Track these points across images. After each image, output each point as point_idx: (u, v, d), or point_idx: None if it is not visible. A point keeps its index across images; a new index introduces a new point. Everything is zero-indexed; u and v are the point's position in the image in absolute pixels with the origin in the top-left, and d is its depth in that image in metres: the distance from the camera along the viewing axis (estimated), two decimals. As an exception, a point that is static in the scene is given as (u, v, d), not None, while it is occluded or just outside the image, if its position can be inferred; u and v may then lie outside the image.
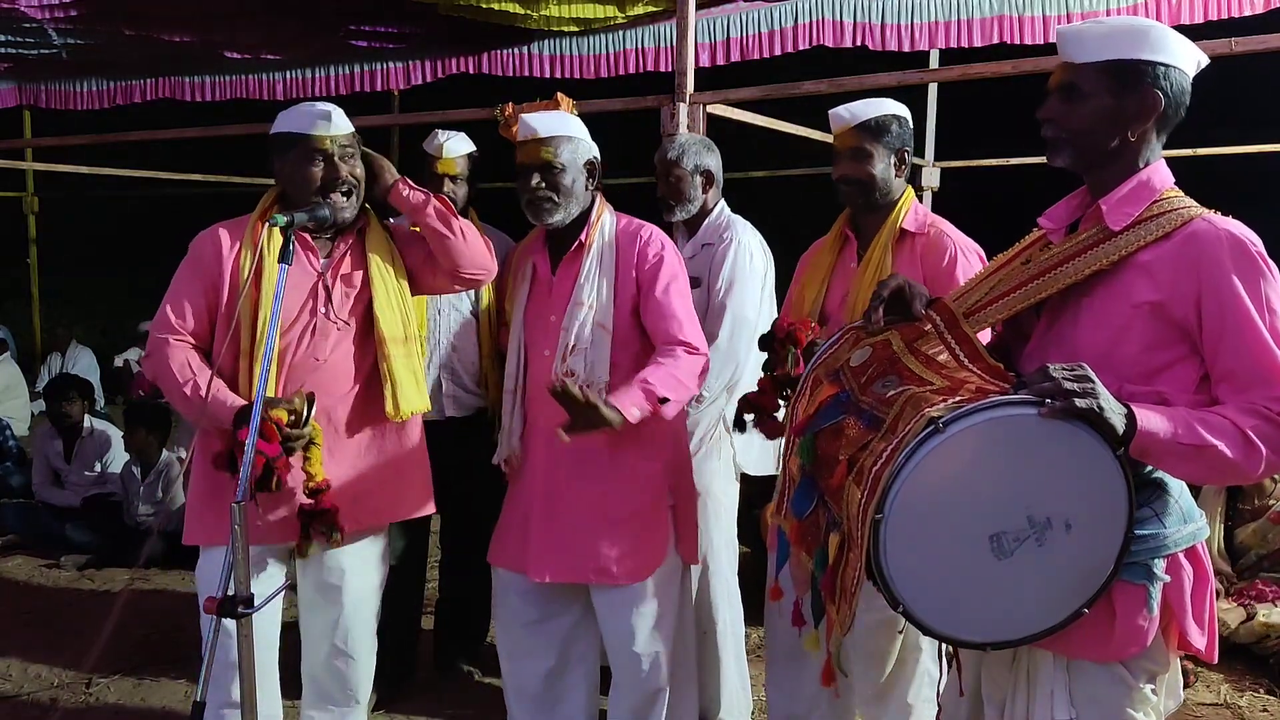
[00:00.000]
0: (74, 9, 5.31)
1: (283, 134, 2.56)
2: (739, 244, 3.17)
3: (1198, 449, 1.61)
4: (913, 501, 1.57)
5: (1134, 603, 1.70)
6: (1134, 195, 1.77)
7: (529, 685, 2.83)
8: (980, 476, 1.59)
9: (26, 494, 5.94)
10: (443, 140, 3.37)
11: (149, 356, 2.62)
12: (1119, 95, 1.74)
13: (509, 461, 2.79)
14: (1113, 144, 1.77)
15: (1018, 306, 1.83)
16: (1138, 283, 1.72)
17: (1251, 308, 1.65)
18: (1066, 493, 1.60)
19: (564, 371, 2.61)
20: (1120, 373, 1.70)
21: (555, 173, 2.62)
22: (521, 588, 2.77)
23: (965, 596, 1.63)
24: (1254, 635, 3.90)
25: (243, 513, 1.87)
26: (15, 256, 10.08)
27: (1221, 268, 1.67)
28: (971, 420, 1.55)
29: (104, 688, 3.68)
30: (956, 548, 1.60)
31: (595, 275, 2.65)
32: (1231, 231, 1.70)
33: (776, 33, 5.96)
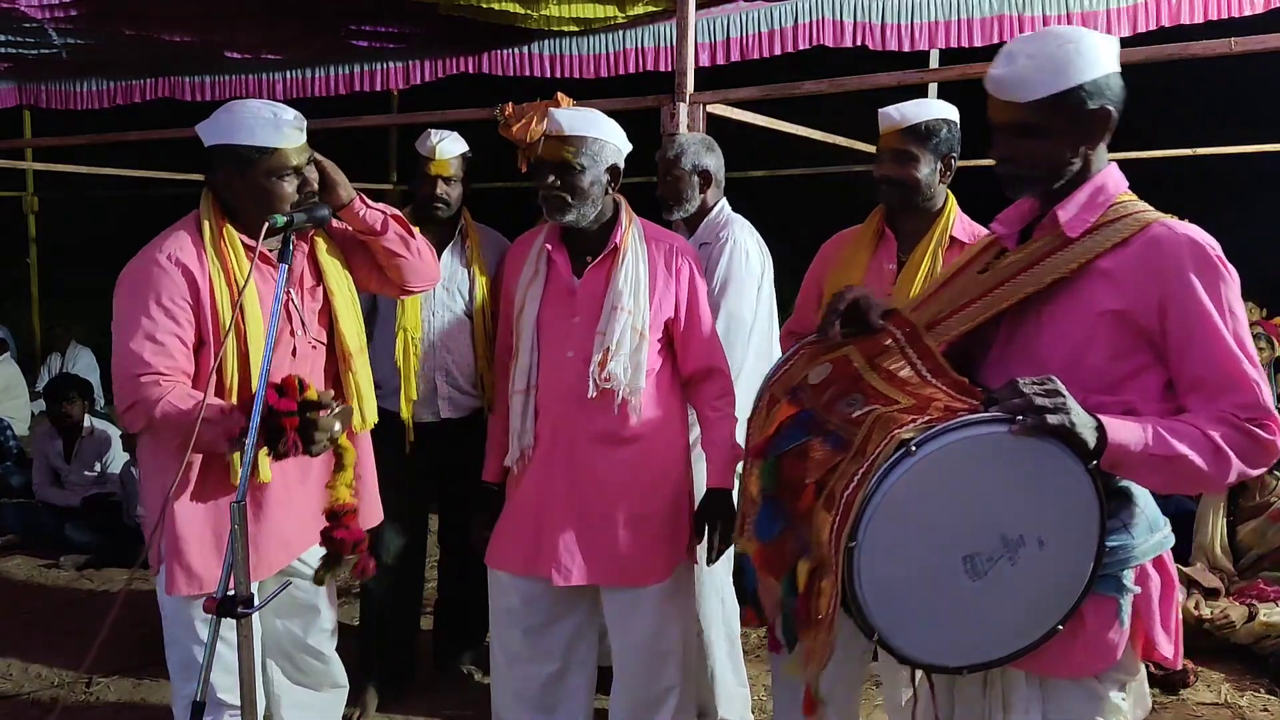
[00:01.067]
0: (74, 9, 5.31)
1: (241, 146, 2.26)
2: (735, 244, 3.16)
3: (1168, 459, 1.60)
4: (886, 526, 1.53)
5: (1105, 616, 1.69)
6: (1090, 202, 1.76)
7: (530, 690, 2.81)
8: (953, 497, 1.56)
9: (26, 494, 5.93)
10: (435, 141, 3.34)
11: (134, 405, 2.22)
12: (1073, 122, 1.73)
13: (519, 463, 2.75)
14: (1075, 164, 1.77)
15: (979, 318, 1.80)
16: (1099, 290, 1.71)
17: (1215, 314, 1.65)
18: (1039, 509, 1.58)
19: (602, 378, 2.59)
20: (1085, 383, 1.68)
21: (572, 173, 2.58)
22: (528, 593, 2.74)
23: (940, 621, 1.60)
24: (1254, 635, 3.90)
25: (242, 512, 1.86)
26: (15, 256, 10.08)
27: (1184, 274, 1.66)
28: (943, 441, 1.52)
29: (104, 688, 3.68)
30: (931, 571, 1.58)
31: (633, 282, 2.64)
32: (1192, 237, 1.69)
33: (776, 33, 5.95)
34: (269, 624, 2.57)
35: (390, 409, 3.30)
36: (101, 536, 5.27)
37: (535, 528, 2.70)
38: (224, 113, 2.33)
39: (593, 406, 2.62)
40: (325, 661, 2.68)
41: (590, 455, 2.64)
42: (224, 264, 2.32)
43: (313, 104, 7.33)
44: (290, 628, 2.60)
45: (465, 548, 3.63)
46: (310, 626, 2.62)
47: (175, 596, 2.36)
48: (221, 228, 2.34)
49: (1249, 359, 1.65)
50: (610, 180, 2.65)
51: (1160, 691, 3.68)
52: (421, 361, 3.34)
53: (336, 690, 2.77)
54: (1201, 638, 3.99)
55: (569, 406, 2.65)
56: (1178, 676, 3.70)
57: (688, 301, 2.71)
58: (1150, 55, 3.42)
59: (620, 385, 2.59)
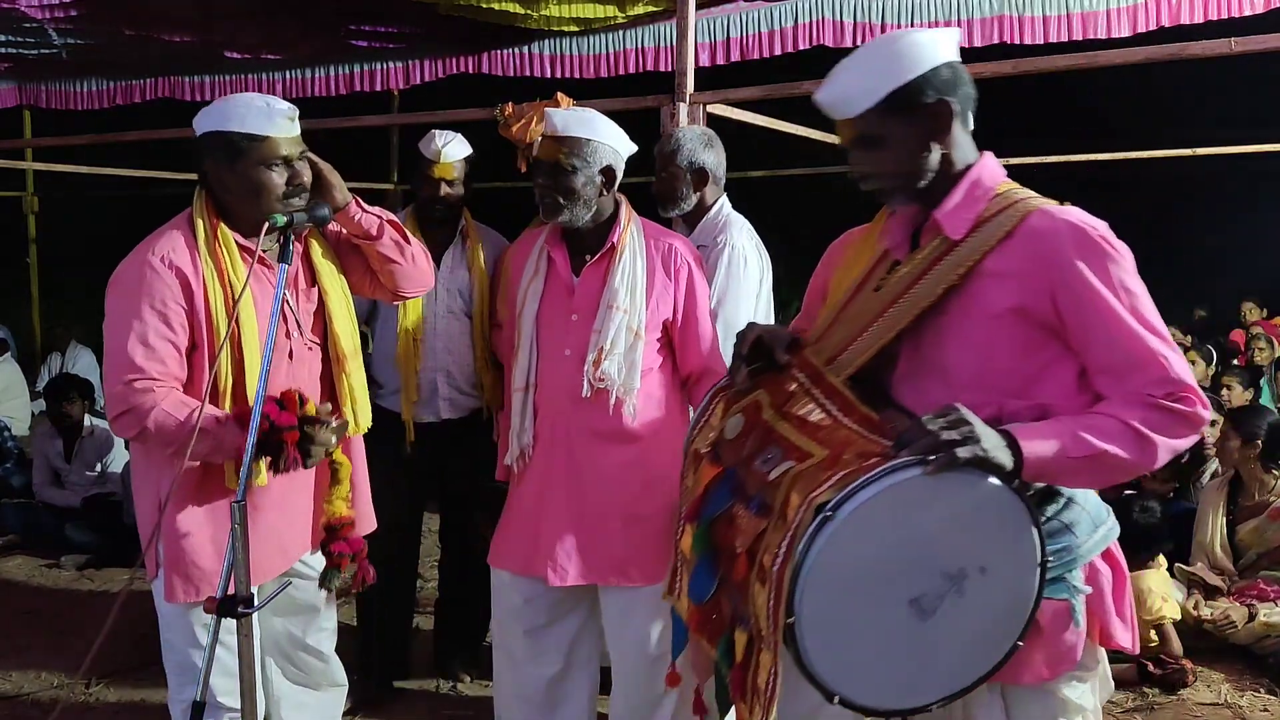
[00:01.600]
0: (74, 9, 5.31)
1: (232, 133, 2.22)
2: (733, 250, 3.07)
3: (1092, 458, 1.57)
4: (821, 594, 1.52)
5: (1060, 619, 1.68)
6: (967, 199, 1.73)
7: (532, 691, 2.81)
8: (884, 548, 1.55)
9: (26, 494, 5.93)
10: (440, 145, 3.33)
11: (127, 412, 2.16)
12: (910, 123, 1.71)
13: (519, 461, 2.75)
14: (929, 165, 1.74)
15: (880, 342, 1.77)
16: (991, 292, 1.67)
17: (1107, 295, 1.61)
18: (973, 538, 1.57)
19: (596, 377, 2.59)
20: (998, 389, 1.66)
21: (562, 175, 2.59)
22: (528, 593, 2.74)
23: (900, 666, 1.60)
24: (1254, 635, 3.90)
25: (243, 511, 1.86)
26: (15, 256, 10.07)
27: (1066, 260, 1.63)
28: (861, 497, 1.50)
29: (104, 688, 3.68)
30: (879, 623, 1.57)
31: (629, 281, 2.63)
32: (1070, 221, 1.65)
33: (776, 33, 5.95)
34: (268, 624, 2.56)
35: (390, 409, 3.30)
36: (102, 536, 5.27)
37: (534, 527, 2.70)
38: (218, 102, 2.32)
39: (589, 405, 2.62)
40: (325, 661, 2.68)
41: (587, 454, 2.64)
42: (218, 265, 2.28)
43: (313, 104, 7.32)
44: (290, 627, 2.59)
45: (465, 548, 3.64)
46: (310, 626, 2.62)
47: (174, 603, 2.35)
48: (216, 227, 2.30)
49: (1153, 333, 1.61)
50: (605, 182, 2.64)
51: (1160, 691, 3.68)
52: (422, 362, 3.34)
53: (336, 690, 2.77)
54: (1201, 638, 3.99)
55: (566, 405, 2.65)
56: (1177, 676, 3.70)
57: (686, 302, 2.70)
58: (1150, 55, 3.42)
59: (614, 384, 2.59)
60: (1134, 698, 3.66)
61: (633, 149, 2.74)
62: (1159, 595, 3.85)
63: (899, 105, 1.69)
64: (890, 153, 1.73)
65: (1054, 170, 8.86)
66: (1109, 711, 3.58)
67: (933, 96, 1.69)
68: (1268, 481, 4.31)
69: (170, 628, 2.40)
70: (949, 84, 1.71)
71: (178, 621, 2.37)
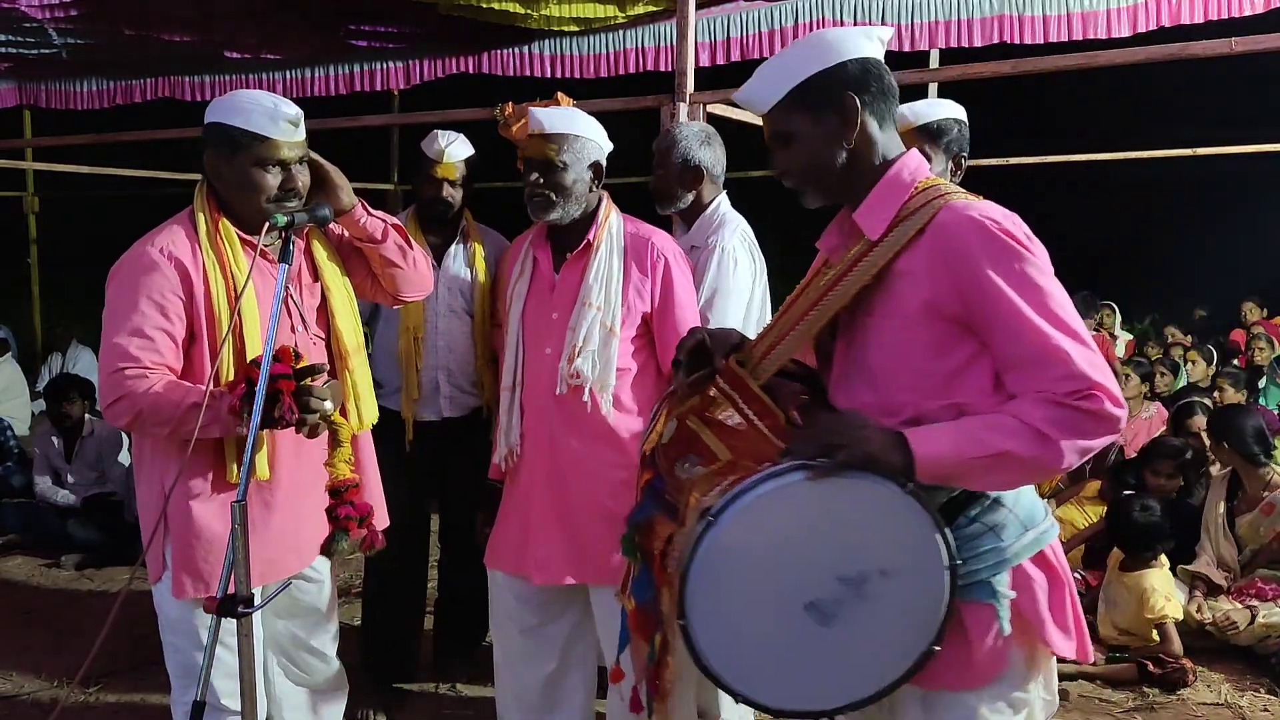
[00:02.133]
0: (74, 9, 5.31)
1: (235, 128, 2.24)
2: (724, 252, 2.99)
3: (991, 459, 1.52)
4: (710, 596, 1.52)
5: (984, 623, 1.62)
6: (883, 198, 1.69)
7: (528, 691, 2.81)
8: (772, 552, 1.53)
9: (27, 494, 5.93)
10: (443, 145, 3.34)
11: (120, 399, 2.16)
12: (815, 119, 1.68)
13: (507, 460, 2.77)
14: (839, 161, 1.71)
15: (802, 343, 1.75)
16: (905, 291, 1.63)
17: (1009, 291, 1.55)
18: (868, 542, 1.54)
19: (570, 373, 2.60)
20: (918, 389, 1.63)
21: (555, 171, 2.61)
22: (521, 592, 2.75)
23: (804, 669, 1.57)
24: (1255, 636, 3.90)
25: (243, 511, 1.86)
26: (15, 256, 10.07)
27: (970, 255, 1.58)
28: (742, 502, 1.50)
29: (104, 688, 3.68)
30: (775, 627, 1.55)
31: (603, 277, 2.64)
32: (972, 215, 1.59)
33: (776, 32, 5.96)
34: (271, 624, 2.56)
35: (391, 408, 3.30)
36: (102, 536, 5.27)
37: (522, 526, 2.71)
38: (229, 95, 2.34)
39: (569, 404, 2.62)
40: (327, 662, 2.68)
41: (570, 452, 2.64)
42: (220, 257, 2.28)
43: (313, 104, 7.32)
44: (293, 629, 2.59)
45: (465, 547, 3.63)
46: (312, 627, 2.62)
47: (176, 601, 2.34)
48: (217, 221, 2.31)
49: (1061, 329, 1.54)
50: (594, 177, 2.66)
51: (1160, 691, 3.68)
52: (423, 360, 3.34)
53: (338, 691, 2.77)
54: (1202, 637, 4.00)
55: (548, 403, 2.66)
56: (1177, 676, 3.70)
57: (663, 297, 2.67)
58: (1150, 55, 3.42)
59: (588, 381, 2.59)
60: (1134, 698, 3.66)
61: (610, 147, 2.73)
62: (1161, 594, 3.85)
63: (803, 98, 1.68)
64: (798, 149, 1.71)
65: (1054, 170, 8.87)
66: (1109, 711, 3.58)
67: (837, 92, 1.67)
68: (1263, 476, 4.32)
69: (174, 630, 2.40)
70: (856, 80, 1.67)
71: (182, 624, 2.37)
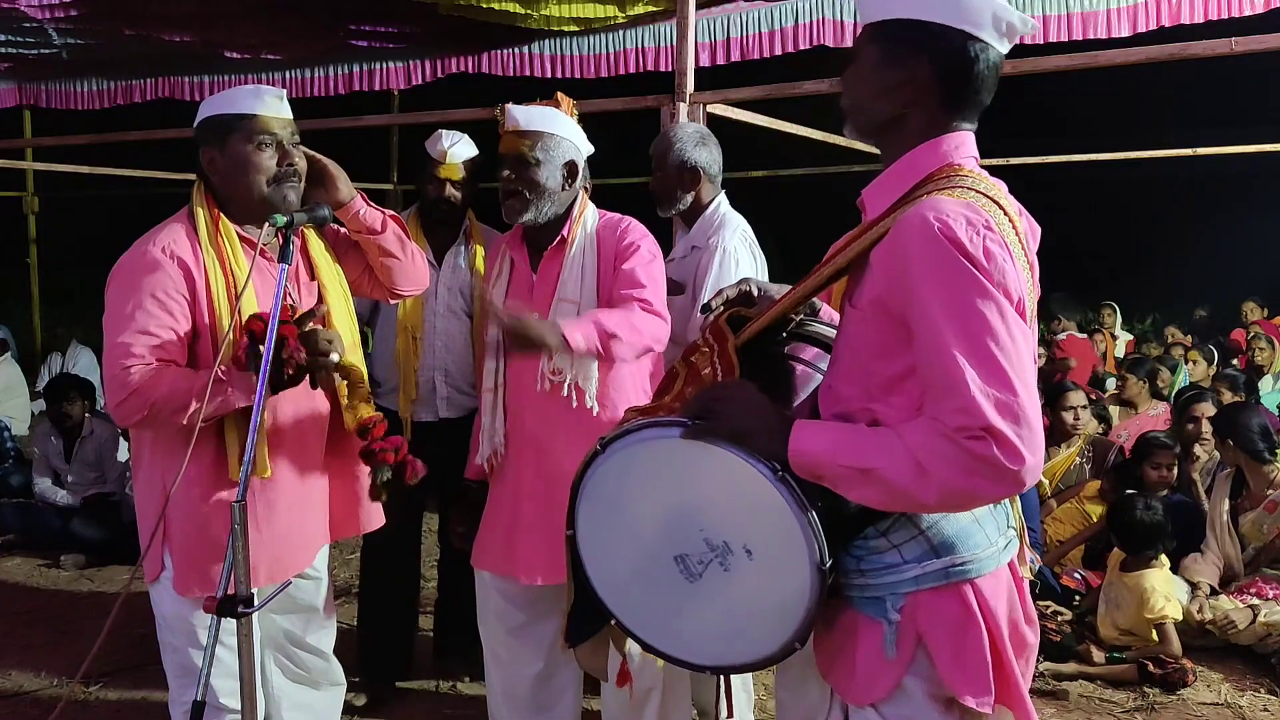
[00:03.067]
0: (74, 9, 5.31)
1: (221, 115, 2.24)
2: (725, 252, 3.02)
3: (863, 472, 1.41)
4: (592, 519, 1.65)
5: (871, 641, 1.52)
6: (894, 177, 1.56)
7: (518, 690, 2.81)
8: (644, 497, 1.60)
9: (26, 494, 5.93)
10: (447, 146, 3.34)
11: (130, 396, 2.14)
12: (884, 61, 1.53)
13: (490, 461, 2.76)
14: (886, 117, 1.56)
15: (770, 317, 1.71)
16: (867, 282, 1.52)
17: (933, 304, 1.39)
18: (735, 517, 1.52)
19: (550, 370, 2.59)
20: (866, 386, 1.52)
21: (527, 167, 2.58)
22: (507, 592, 2.75)
23: (673, 617, 1.62)
24: (1255, 635, 3.90)
25: (243, 512, 1.86)
26: (15, 256, 10.07)
27: (906, 257, 1.43)
28: (625, 441, 1.59)
29: (104, 687, 3.68)
30: (647, 566, 1.61)
31: (579, 271, 2.64)
32: (924, 214, 1.42)
33: (776, 33, 5.96)
34: (268, 622, 2.57)
35: (389, 407, 3.30)
36: (102, 536, 5.27)
37: (509, 526, 2.71)
38: (212, 96, 2.38)
39: (553, 401, 2.61)
40: (325, 660, 2.68)
41: (554, 451, 2.62)
42: (220, 254, 2.28)
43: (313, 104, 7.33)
44: (290, 626, 2.60)
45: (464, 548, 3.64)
46: (310, 625, 2.62)
47: (173, 600, 2.33)
48: (216, 219, 2.31)
49: (976, 359, 1.35)
50: (567, 176, 2.63)
51: (1160, 691, 3.68)
52: (421, 360, 3.34)
53: (335, 689, 2.77)
54: (1202, 637, 4.00)
55: (532, 402, 2.65)
56: (1177, 676, 3.70)
57: (621, 260, 2.61)
58: (1150, 55, 3.42)
59: (568, 377, 2.58)
60: (1134, 698, 3.66)
61: (591, 150, 2.73)
62: (1162, 594, 3.85)
63: (888, 37, 1.52)
64: (856, 77, 1.58)
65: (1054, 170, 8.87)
66: (1109, 711, 3.58)
67: (918, 50, 1.50)
68: (1267, 474, 4.32)
69: (171, 630, 2.39)
70: (952, 53, 1.49)
71: (178, 622, 2.37)
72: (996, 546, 1.54)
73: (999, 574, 1.54)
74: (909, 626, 1.50)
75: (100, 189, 13.25)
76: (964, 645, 1.49)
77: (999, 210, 1.47)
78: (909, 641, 1.50)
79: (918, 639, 1.50)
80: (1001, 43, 1.52)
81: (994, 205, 1.47)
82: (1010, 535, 1.60)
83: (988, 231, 1.41)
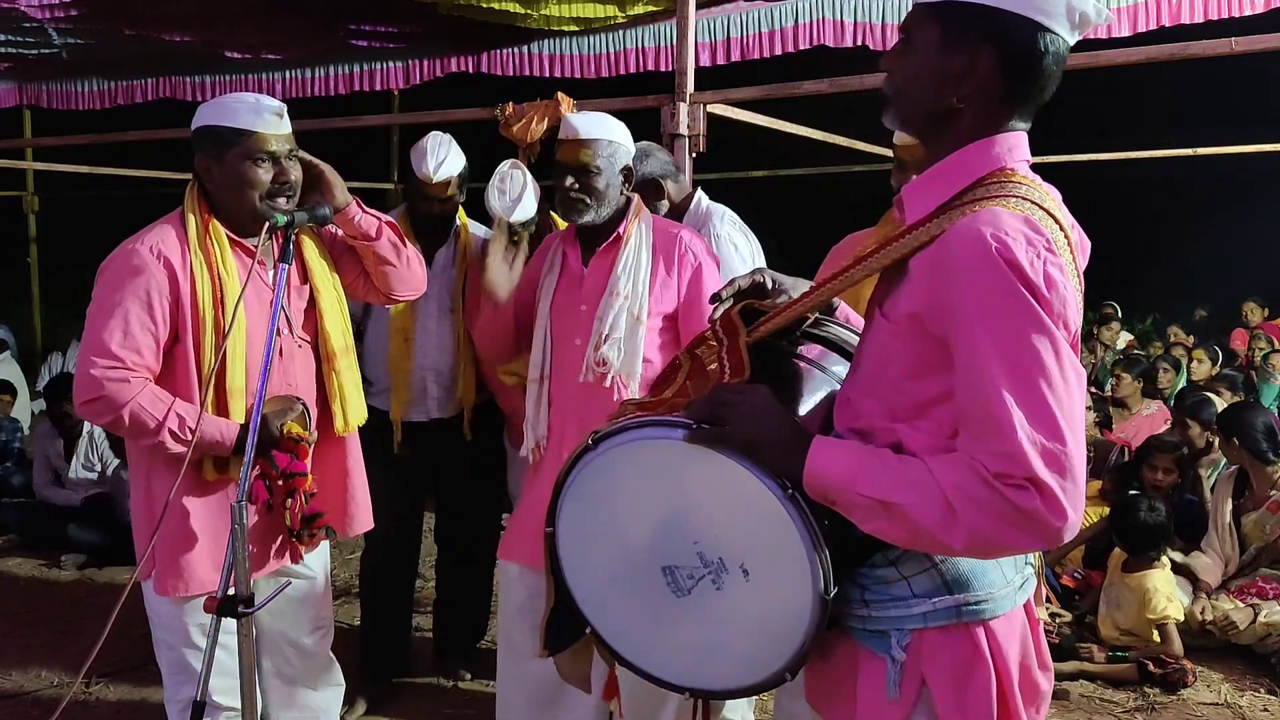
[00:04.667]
0: (74, 9, 5.31)
1: (220, 128, 2.27)
2: (719, 239, 3.11)
3: (879, 505, 1.30)
4: (575, 518, 1.53)
5: (875, 678, 1.42)
6: (940, 178, 1.41)
7: (536, 687, 2.80)
8: (635, 500, 1.48)
9: (27, 494, 5.93)
10: (430, 169, 3.22)
11: (98, 399, 2.17)
12: (943, 49, 1.37)
13: (534, 453, 2.78)
14: (935, 110, 1.41)
15: (796, 311, 1.60)
16: (903, 292, 1.38)
17: (981, 332, 1.26)
18: (735, 532, 1.41)
19: (597, 360, 2.64)
20: (890, 403, 1.39)
21: (590, 175, 2.66)
22: (536, 586, 2.73)
23: (653, 632, 1.52)
24: (1256, 635, 3.90)
25: (242, 511, 1.86)
26: (15, 256, 10.07)
27: (955, 276, 1.29)
28: (620, 439, 1.47)
29: (104, 687, 3.68)
30: (630, 575, 1.50)
31: (631, 268, 2.68)
32: (979, 228, 1.28)
33: (776, 32, 5.96)
34: (266, 623, 2.57)
35: (380, 408, 3.30)
36: (102, 536, 5.26)
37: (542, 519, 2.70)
38: (210, 101, 2.39)
39: (596, 394, 2.64)
40: (316, 658, 2.69)
41: None
42: (208, 258, 2.29)
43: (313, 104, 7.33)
44: (286, 626, 2.60)
45: (462, 547, 3.64)
46: (301, 623, 2.62)
47: (167, 600, 2.34)
48: (207, 222, 2.32)
49: (1026, 401, 1.24)
50: (624, 181, 2.72)
51: (1161, 691, 3.68)
52: (412, 361, 3.34)
53: (333, 689, 2.77)
54: (1202, 637, 4.00)
55: (576, 394, 2.68)
56: (1177, 676, 3.70)
57: (690, 289, 2.72)
58: (1150, 55, 3.42)
59: (614, 369, 2.63)
60: (1134, 698, 3.66)
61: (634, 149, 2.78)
62: (1163, 595, 3.86)
63: (950, 21, 1.37)
64: (908, 62, 1.42)
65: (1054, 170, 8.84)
66: (1110, 711, 3.58)
67: (982, 41, 1.34)
68: (1270, 474, 4.31)
69: (164, 626, 2.40)
70: (1020, 45, 1.34)
71: (172, 620, 2.37)
72: (1012, 586, 1.44)
73: (1013, 615, 1.44)
74: (914, 666, 1.40)
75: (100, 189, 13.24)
76: (969, 689, 1.39)
77: (1056, 226, 1.34)
78: (913, 682, 1.40)
79: (922, 680, 1.40)
80: (1073, 35, 1.38)
81: (1051, 220, 1.33)
82: (1028, 573, 1.49)
83: (1049, 254, 1.28)
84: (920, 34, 1.40)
